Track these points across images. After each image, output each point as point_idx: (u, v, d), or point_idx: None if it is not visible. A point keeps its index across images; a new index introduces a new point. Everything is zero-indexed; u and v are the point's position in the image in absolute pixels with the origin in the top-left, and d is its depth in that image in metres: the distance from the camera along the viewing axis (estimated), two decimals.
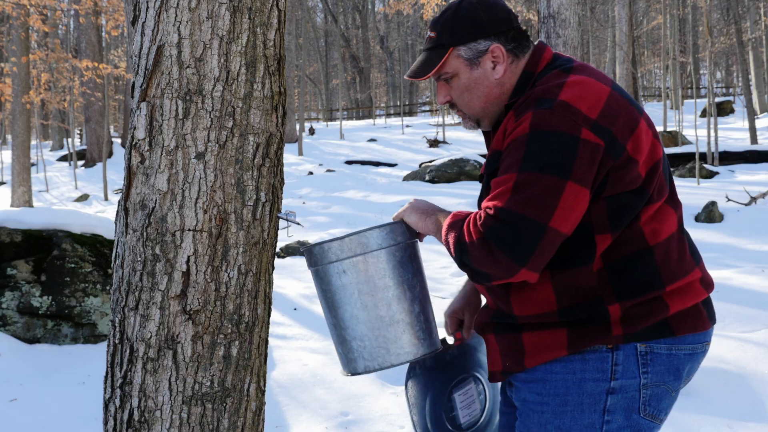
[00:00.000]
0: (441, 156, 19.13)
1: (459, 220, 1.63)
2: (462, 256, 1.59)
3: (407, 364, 1.91)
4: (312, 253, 1.84)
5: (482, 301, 2.02)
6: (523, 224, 1.51)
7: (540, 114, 1.57)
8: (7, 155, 24.76)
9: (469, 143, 21.47)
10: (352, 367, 1.83)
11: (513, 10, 1.78)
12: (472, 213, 1.62)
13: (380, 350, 1.79)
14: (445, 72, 1.76)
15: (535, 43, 1.81)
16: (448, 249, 1.64)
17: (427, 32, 1.80)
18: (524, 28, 1.80)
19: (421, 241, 1.87)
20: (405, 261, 1.80)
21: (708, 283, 1.74)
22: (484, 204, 1.59)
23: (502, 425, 1.98)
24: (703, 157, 14.34)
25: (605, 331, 1.62)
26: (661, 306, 1.63)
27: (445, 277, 6.64)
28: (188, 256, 1.76)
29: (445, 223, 1.67)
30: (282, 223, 1.98)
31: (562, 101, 1.57)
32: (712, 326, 1.74)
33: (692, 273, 1.69)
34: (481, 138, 18.06)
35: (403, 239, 1.81)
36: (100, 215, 10.77)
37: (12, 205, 14.63)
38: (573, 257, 1.62)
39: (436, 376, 1.93)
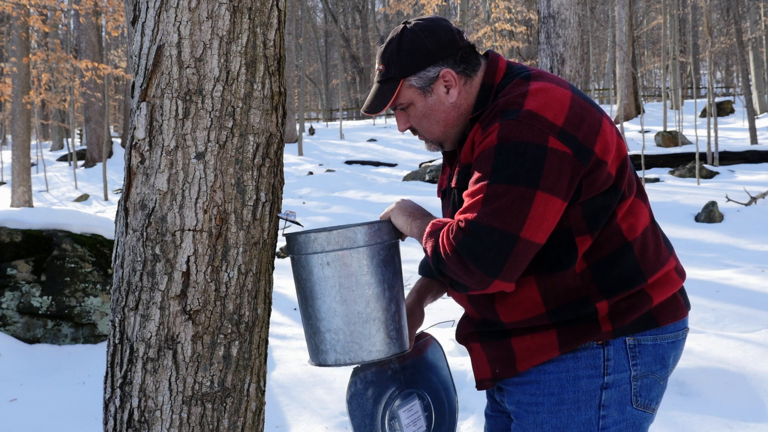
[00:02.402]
0: (441, 156, 19.11)
1: (437, 230, 1.64)
2: (439, 265, 1.61)
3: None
4: (297, 241, 1.83)
5: (424, 315, 2.02)
6: (493, 236, 1.52)
7: (506, 125, 1.58)
8: (7, 155, 24.78)
9: None
10: (322, 359, 1.84)
11: (458, 28, 1.80)
12: (449, 222, 1.63)
13: (353, 345, 1.80)
14: (400, 103, 1.77)
15: (487, 53, 1.82)
16: (427, 257, 1.66)
17: (376, 65, 1.81)
18: (471, 43, 1.79)
19: (402, 240, 1.88)
20: (388, 260, 1.81)
21: (681, 272, 1.78)
22: (456, 216, 1.60)
23: (489, 429, 1.98)
24: (703, 157, 14.34)
25: (595, 329, 1.64)
26: (645, 298, 1.67)
27: None
28: (188, 256, 1.76)
29: (425, 231, 1.68)
30: (282, 223, 1.99)
31: (527, 111, 1.58)
32: (688, 313, 1.78)
33: (668, 263, 1.73)
34: None
35: (389, 238, 1.82)
36: (100, 215, 10.77)
37: (12, 205, 14.64)
38: (556, 262, 1.64)
39: (378, 390, 1.92)
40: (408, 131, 1.88)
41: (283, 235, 1.91)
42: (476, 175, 1.60)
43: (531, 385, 1.71)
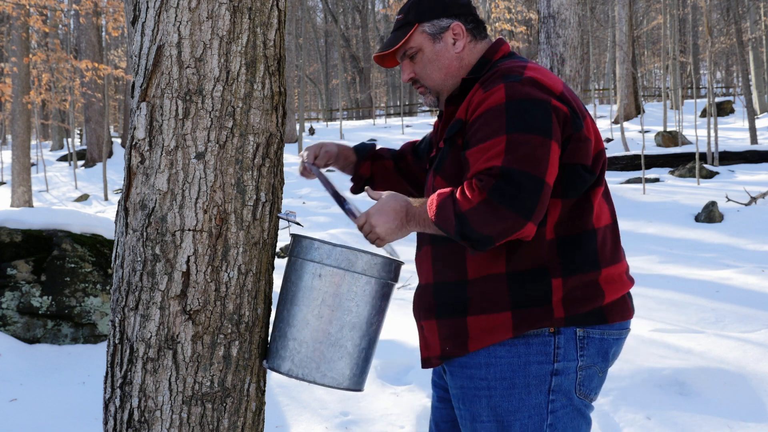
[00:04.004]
0: None
1: (446, 197, 1.66)
2: (463, 226, 1.62)
3: None
4: (299, 244, 1.85)
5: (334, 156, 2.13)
6: (525, 180, 1.60)
7: (512, 85, 1.71)
8: (7, 155, 24.75)
9: None
10: (276, 364, 1.84)
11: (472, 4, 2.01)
12: (451, 188, 1.67)
13: (311, 363, 1.80)
14: (411, 47, 1.90)
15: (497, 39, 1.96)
16: (445, 227, 1.66)
17: (395, 18, 1.97)
18: (482, 19, 1.97)
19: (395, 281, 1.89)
20: (377, 297, 1.82)
21: (631, 277, 1.89)
22: (476, 169, 1.65)
23: (435, 420, 2.01)
24: (703, 157, 14.33)
25: (548, 313, 1.72)
26: (598, 292, 1.76)
27: None
28: (188, 256, 1.76)
29: (431, 205, 1.68)
30: (282, 223, 1.99)
31: (528, 77, 1.74)
32: (633, 315, 1.89)
33: (622, 263, 1.84)
34: None
35: (386, 276, 1.83)
36: (100, 215, 10.77)
37: (12, 205, 14.63)
38: None
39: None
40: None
41: (290, 234, 1.92)
42: (487, 130, 1.67)
43: (480, 369, 1.76)
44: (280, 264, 7.80)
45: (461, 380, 1.79)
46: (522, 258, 1.72)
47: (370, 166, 2.17)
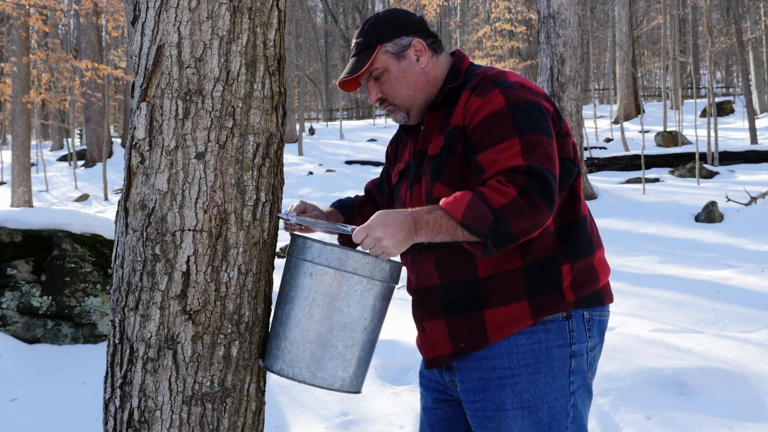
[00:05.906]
0: None
1: (472, 197, 1.67)
2: (498, 223, 1.64)
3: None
4: (294, 244, 1.85)
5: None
6: (548, 177, 1.69)
7: (507, 91, 1.79)
8: (7, 155, 24.75)
9: None
10: (269, 363, 1.85)
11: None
12: (469, 192, 1.68)
13: (301, 363, 1.79)
14: (376, 68, 1.93)
15: (453, 51, 2.01)
16: (477, 226, 1.65)
17: (352, 42, 1.99)
18: (434, 32, 2.03)
19: (396, 283, 1.87)
20: (370, 298, 1.79)
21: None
22: (498, 168, 1.69)
23: (429, 423, 2.03)
24: (703, 157, 14.33)
25: (561, 297, 1.81)
26: (595, 275, 1.88)
27: None
28: (188, 256, 1.76)
29: (454, 208, 1.67)
30: (282, 223, 1.98)
31: (516, 81, 1.83)
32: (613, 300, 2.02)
33: (602, 247, 1.96)
34: None
35: (381, 277, 1.79)
36: (100, 215, 10.77)
37: (12, 205, 14.64)
38: None
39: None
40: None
41: (290, 233, 1.91)
42: (495, 133, 1.74)
43: (502, 359, 1.80)
44: (280, 264, 7.79)
45: (480, 372, 1.83)
46: (534, 250, 1.80)
47: (360, 221, 2.12)
